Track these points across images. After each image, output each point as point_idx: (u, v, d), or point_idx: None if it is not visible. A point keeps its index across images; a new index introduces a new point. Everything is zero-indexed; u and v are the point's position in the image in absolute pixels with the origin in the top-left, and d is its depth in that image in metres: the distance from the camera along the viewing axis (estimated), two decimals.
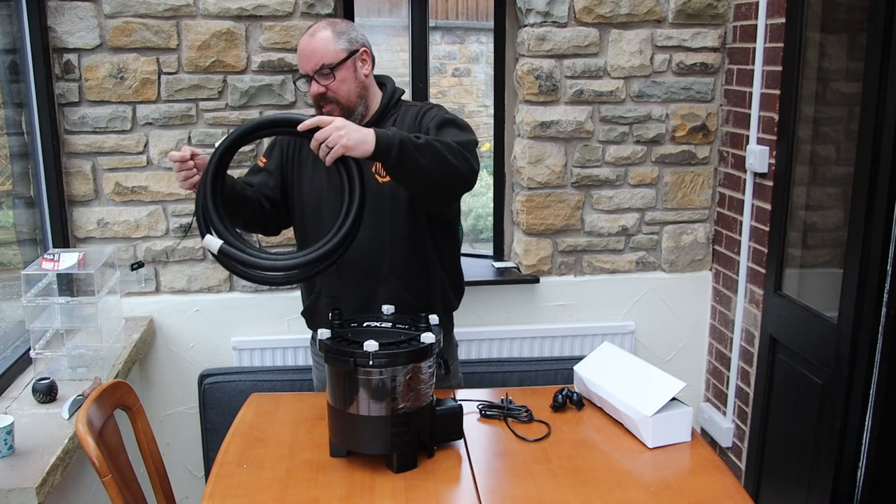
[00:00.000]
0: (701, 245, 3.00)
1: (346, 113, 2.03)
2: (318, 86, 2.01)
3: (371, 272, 2.06)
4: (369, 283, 2.05)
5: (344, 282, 2.06)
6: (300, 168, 2.13)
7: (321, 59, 2.00)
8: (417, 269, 2.10)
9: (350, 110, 2.05)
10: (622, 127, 2.86)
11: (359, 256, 2.03)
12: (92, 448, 1.65)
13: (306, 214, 2.12)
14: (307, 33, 2.03)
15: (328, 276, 2.01)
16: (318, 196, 2.08)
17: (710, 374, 3.08)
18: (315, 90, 2.01)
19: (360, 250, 2.01)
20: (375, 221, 2.03)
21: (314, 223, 2.10)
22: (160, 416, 2.83)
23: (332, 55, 2.00)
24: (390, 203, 2.05)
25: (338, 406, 1.74)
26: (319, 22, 2.07)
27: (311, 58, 2.01)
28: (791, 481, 2.52)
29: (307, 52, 2.01)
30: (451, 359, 2.24)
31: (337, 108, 2.03)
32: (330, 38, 2.01)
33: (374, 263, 2.06)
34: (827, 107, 2.45)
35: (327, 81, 2.00)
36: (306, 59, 2.01)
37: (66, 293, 2.35)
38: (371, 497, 1.64)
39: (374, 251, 2.05)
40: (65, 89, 2.58)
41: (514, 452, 1.82)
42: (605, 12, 2.75)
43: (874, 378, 2.15)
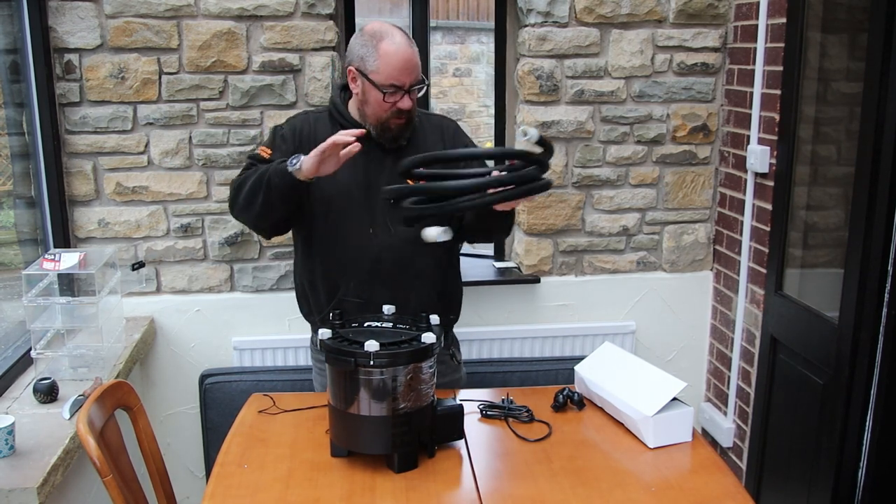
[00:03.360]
0: (702, 245, 3.00)
1: (411, 124, 2.03)
2: (411, 101, 1.97)
3: (404, 275, 2.05)
4: (398, 287, 2.03)
5: (375, 283, 2.04)
6: None
7: (419, 71, 1.96)
8: (443, 274, 2.15)
9: (413, 122, 2.05)
10: (623, 127, 2.86)
11: (393, 259, 2.05)
12: (93, 448, 1.65)
13: (330, 211, 2.08)
14: (403, 43, 1.95)
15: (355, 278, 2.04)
16: (344, 194, 2.05)
17: (710, 374, 3.08)
18: (409, 105, 1.97)
19: (393, 253, 2.04)
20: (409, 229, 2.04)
21: (339, 221, 2.07)
22: (161, 416, 2.83)
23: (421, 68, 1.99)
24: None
25: (338, 406, 1.74)
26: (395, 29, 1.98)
27: (413, 71, 1.95)
28: (792, 481, 2.52)
29: (411, 65, 1.95)
30: (456, 349, 2.30)
31: (406, 120, 2.01)
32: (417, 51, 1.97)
33: (407, 267, 2.06)
34: (828, 107, 2.45)
35: (415, 95, 1.98)
36: (408, 72, 1.94)
37: (67, 293, 2.35)
38: (372, 497, 1.64)
39: (408, 254, 2.06)
40: (66, 89, 2.58)
41: (514, 452, 1.82)
42: (605, 12, 2.75)
43: (875, 378, 2.15)
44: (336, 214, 2.08)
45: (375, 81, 1.96)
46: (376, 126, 2.02)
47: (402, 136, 2.05)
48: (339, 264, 2.09)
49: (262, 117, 2.69)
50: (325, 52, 2.67)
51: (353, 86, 2.03)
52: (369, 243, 2.06)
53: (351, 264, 2.07)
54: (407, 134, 2.06)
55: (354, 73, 2.00)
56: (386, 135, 2.03)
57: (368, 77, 1.97)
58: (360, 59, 1.98)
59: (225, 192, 2.72)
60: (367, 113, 2.02)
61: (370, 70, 1.96)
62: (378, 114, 2.00)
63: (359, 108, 2.06)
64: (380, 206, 2.05)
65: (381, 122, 2.01)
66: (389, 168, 2.05)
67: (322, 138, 2.05)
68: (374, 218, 2.06)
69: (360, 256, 2.07)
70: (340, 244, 2.09)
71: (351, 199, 2.06)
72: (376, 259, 2.05)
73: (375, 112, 2.00)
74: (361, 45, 1.98)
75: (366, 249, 2.06)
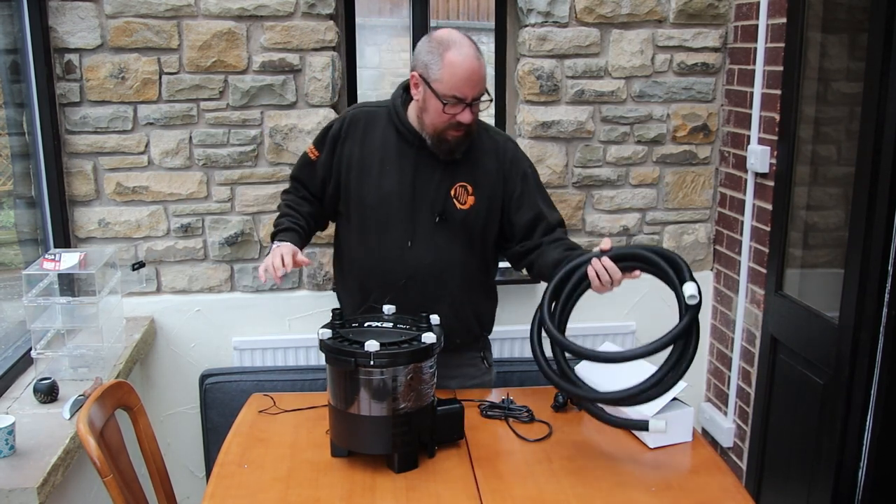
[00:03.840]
0: (702, 245, 3.00)
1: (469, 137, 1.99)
2: (471, 114, 1.92)
3: (436, 292, 2.05)
4: (427, 302, 2.01)
5: (405, 296, 2.02)
6: (362, 172, 2.06)
7: (483, 85, 1.92)
8: (475, 294, 2.15)
9: (472, 135, 2.00)
10: (623, 127, 2.86)
11: (427, 275, 2.05)
12: (93, 448, 1.65)
13: (367, 216, 2.07)
14: (470, 55, 1.88)
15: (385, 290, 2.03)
16: (387, 201, 2.04)
17: (711, 374, 3.08)
18: (470, 118, 1.92)
19: (428, 269, 2.04)
20: (448, 244, 2.05)
21: (377, 225, 2.06)
22: (161, 416, 2.83)
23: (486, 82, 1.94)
24: (464, 231, 2.06)
25: (339, 406, 1.74)
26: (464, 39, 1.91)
27: (478, 84, 1.89)
28: (792, 481, 2.52)
29: (476, 78, 1.89)
30: (488, 352, 2.32)
31: (465, 133, 1.97)
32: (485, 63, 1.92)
33: (441, 284, 2.05)
34: (828, 107, 2.45)
35: (477, 109, 1.94)
36: (473, 85, 1.88)
37: (68, 293, 2.35)
38: (372, 497, 1.64)
39: (442, 272, 2.06)
40: (66, 89, 2.58)
41: (515, 452, 1.82)
42: (606, 12, 2.75)
43: (875, 378, 2.15)
44: (374, 222, 2.06)
45: (437, 91, 1.90)
46: (433, 136, 1.98)
47: (457, 150, 2.00)
48: (371, 274, 2.09)
49: (263, 117, 2.69)
50: (326, 52, 2.67)
51: (415, 91, 1.97)
52: (404, 256, 2.05)
53: (383, 276, 2.07)
54: (463, 147, 2.01)
55: (417, 79, 1.95)
56: (442, 146, 1.99)
57: (431, 85, 1.91)
58: (425, 65, 1.92)
59: (225, 192, 2.73)
60: (426, 121, 1.98)
61: (433, 79, 1.90)
62: (436, 124, 1.95)
63: (418, 115, 2.01)
64: (422, 219, 2.03)
65: (438, 133, 1.96)
66: (438, 181, 2.03)
67: (373, 138, 2.06)
68: (414, 231, 2.04)
69: (393, 269, 2.06)
70: (375, 254, 2.08)
71: (392, 208, 2.04)
72: (409, 274, 2.05)
73: (434, 122, 1.95)
74: (427, 51, 1.92)
75: (400, 262, 2.05)
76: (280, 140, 2.70)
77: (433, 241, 2.04)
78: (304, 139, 2.70)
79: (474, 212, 2.07)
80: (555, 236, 2.08)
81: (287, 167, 2.73)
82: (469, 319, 2.16)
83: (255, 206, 2.75)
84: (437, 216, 2.03)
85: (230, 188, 2.73)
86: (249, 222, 2.76)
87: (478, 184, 2.07)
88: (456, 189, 2.04)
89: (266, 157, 2.72)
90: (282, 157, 2.72)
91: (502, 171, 2.09)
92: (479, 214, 2.08)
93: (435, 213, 2.04)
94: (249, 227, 2.76)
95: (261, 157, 2.72)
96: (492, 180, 2.08)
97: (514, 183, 2.09)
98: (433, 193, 2.04)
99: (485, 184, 2.07)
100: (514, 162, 2.11)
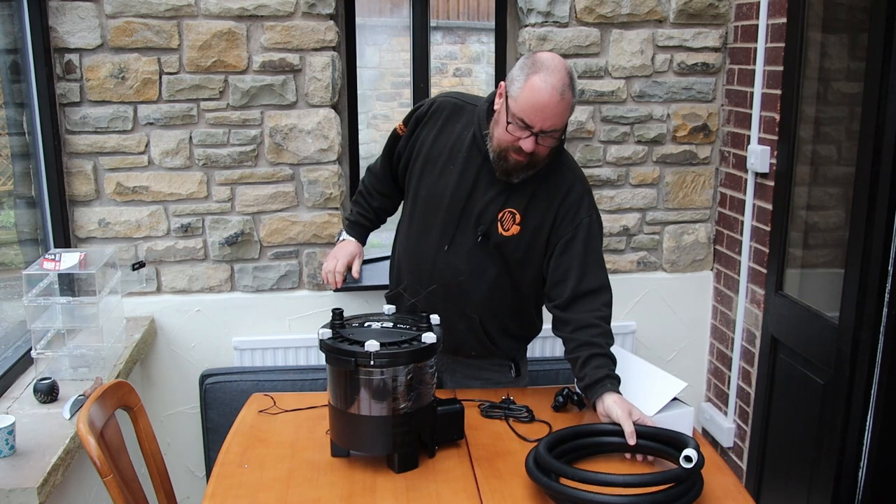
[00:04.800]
0: (702, 245, 3.00)
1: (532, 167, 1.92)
2: (535, 145, 1.85)
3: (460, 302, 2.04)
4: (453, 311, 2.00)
5: (427, 297, 2.02)
6: (427, 162, 2.05)
7: (557, 123, 1.85)
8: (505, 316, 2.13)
9: (537, 166, 1.93)
10: (623, 127, 2.86)
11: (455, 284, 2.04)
12: (93, 448, 1.65)
13: (417, 208, 2.09)
14: (554, 87, 1.80)
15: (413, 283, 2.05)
16: (438, 199, 2.03)
17: (711, 374, 3.08)
18: (531, 148, 1.85)
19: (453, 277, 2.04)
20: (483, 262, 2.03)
21: (423, 220, 2.07)
22: (161, 416, 2.83)
23: (566, 120, 1.87)
24: (499, 257, 2.03)
25: (339, 406, 1.74)
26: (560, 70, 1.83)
27: (548, 118, 1.82)
28: (792, 481, 2.52)
29: (549, 113, 1.82)
30: (521, 362, 2.29)
31: (528, 160, 1.90)
32: (571, 102, 1.84)
33: (466, 297, 2.04)
34: (828, 107, 2.45)
35: (546, 143, 1.87)
36: (543, 118, 1.82)
37: (68, 293, 2.35)
38: (372, 497, 1.64)
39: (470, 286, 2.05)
40: (66, 89, 2.58)
41: (515, 452, 1.82)
42: (606, 12, 2.75)
43: (875, 378, 2.15)
44: (421, 216, 2.07)
45: (510, 108, 1.86)
46: (495, 151, 1.93)
47: (515, 174, 1.94)
48: (405, 264, 2.13)
49: (263, 117, 2.69)
50: (326, 52, 2.67)
51: (498, 100, 1.94)
52: (437, 259, 2.05)
53: (414, 270, 2.09)
54: (522, 175, 1.94)
55: (502, 90, 1.92)
56: (500, 164, 1.93)
57: (508, 100, 1.88)
58: (511, 79, 1.88)
59: (225, 192, 2.73)
60: (493, 134, 1.94)
61: (511, 95, 1.86)
62: (500, 139, 1.91)
63: (492, 126, 1.96)
64: (463, 229, 2.02)
65: (501, 149, 1.91)
66: (491, 198, 1.99)
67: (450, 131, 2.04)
68: (453, 237, 2.03)
69: (425, 268, 2.06)
70: (413, 246, 2.10)
71: (441, 208, 2.02)
72: (436, 277, 2.05)
73: (499, 137, 1.91)
74: (519, 67, 1.89)
75: (432, 263, 2.05)
76: (280, 140, 2.70)
77: (469, 256, 2.03)
78: (305, 139, 2.70)
79: (515, 241, 2.00)
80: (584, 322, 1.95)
81: (287, 167, 2.73)
82: (483, 338, 2.13)
83: (255, 206, 2.75)
84: (479, 235, 2.00)
85: (230, 188, 2.73)
86: (249, 222, 2.76)
87: (528, 214, 1.99)
88: (505, 213, 1.99)
89: (266, 157, 2.72)
90: (282, 157, 2.72)
91: (559, 210, 1.99)
92: (520, 246, 2.01)
93: (478, 230, 2.00)
94: (249, 227, 2.76)
95: (261, 157, 2.72)
96: (543, 216, 1.99)
97: (566, 228, 1.99)
98: (482, 208, 2.00)
99: (535, 217, 1.99)
100: (575, 206, 1.99)
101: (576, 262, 1.97)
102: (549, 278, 2.02)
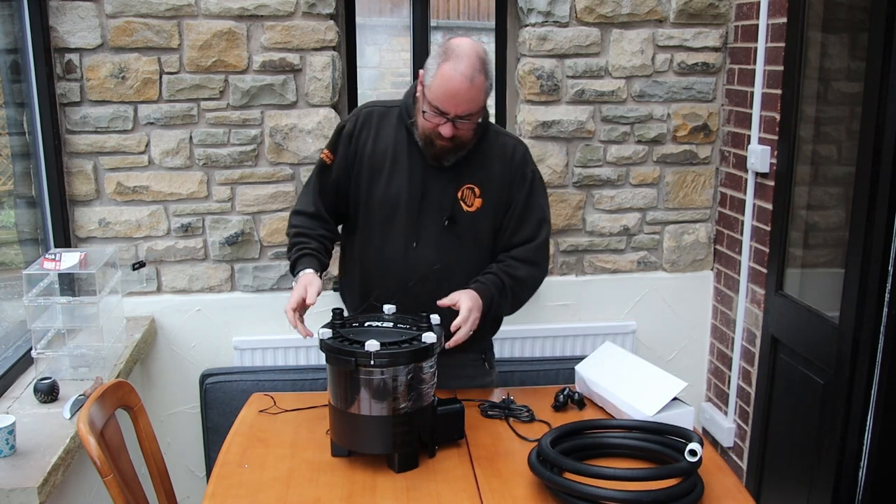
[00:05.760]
0: (702, 245, 3.00)
1: (459, 149, 1.98)
2: (453, 130, 1.91)
3: (438, 294, 2.02)
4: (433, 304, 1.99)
5: (407, 298, 2.01)
6: (373, 171, 2.06)
7: (471, 108, 1.90)
8: None
9: (464, 147, 1.99)
10: (623, 127, 2.86)
11: (431, 277, 2.04)
12: (93, 448, 1.65)
13: (372, 215, 2.07)
14: (462, 73, 1.85)
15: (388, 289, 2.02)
16: (394, 202, 2.04)
17: (711, 373, 3.08)
18: (449, 133, 1.91)
19: (433, 271, 2.04)
20: (454, 247, 2.05)
21: (382, 226, 2.06)
22: (161, 415, 2.83)
23: (481, 104, 1.92)
24: (471, 233, 2.06)
25: (339, 406, 1.74)
26: (469, 55, 1.87)
27: (461, 104, 1.88)
28: (792, 481, 2.52)
29: (460, 99, 1.87)
30: (490, 353, 2.31)
31: (453, 144, 1.95)
32: (483, 85, 1.89)
33: (443, 287, 2.03)
34: (828, 106, 2.45)
35: (464, 127, 1.92)
36: (455, 104, 1.88)
37: (68, 293, 2.35)
38: (373, 497, 1.64)
39: (446, 274, 2.05)
40: (66, 89, 2.58)
41: (515, 452, 1.82)
42: (606, 12, 2.75)
43: (875, 378, 2.15)
44: (381, 222, 2.06)
45: (426, 96, 1.91)
46: (422, 138, 1.99)
47: (445, 158, 2.00)
48: (374, 272, 2.09)
49: (263, 117, 2.69)
50: (326, 51, 2.67)
51: (419, 89, 1.98)
52: (407, 257, 2.05)
53: (386, 275, 2.06)
54: (453, 158, 2.00)
55: (421, 78, 1.96)
56: (429, 150, 1.99)
57: (424, 89, 1.93)
58: (426, 68, 1.93)
59: (225, 192, 2.73)
60: (417, 122, 1.99)
61: (426, 83, 1.92)
62: (422, 126, 1.96)
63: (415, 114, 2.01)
64: (428, 221, 2.03)
65: (426, 136, 1.97)
66: (446, 182, 2.03)
67: (385, 136, 2.05)
68: (419, 232, 2.04)
69: (397, 269, 2.06)
70: (379, 253, 2.08)
71: (399, 208, 2.04)
72: (414, 276, 2.04)
73: (421, 124, 1.97)
74: (433, 55, 1.93)
75: (403, 262, 2.05)
76: (280, 140, 2.70)
77: (440, 244, 2.04)
78: (305, 139, 2.70)
79: (482, 214, 2.07)
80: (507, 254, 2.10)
81: (287, 167, 2.73)
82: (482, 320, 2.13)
83: (255, 206, 2.75)
84: (445, 219, 2.03)
85: (230, 188, 2.73)
86: (250, 222, 2.76)
87: (485, 186, 2.06)
88: (463, 191, 2.04)
89: (266, 156, 2.72)
90: (282, 156, 2.72)
91: (510, 171, 2.08)
92: (487, 216, 2.08)
93: (444, 216, 2.03)
94: (250, 227, 2.76)
95: (261, 157, 2.72)
96: (498, 182, 2.08)
97: (518, 185, 2.09)
98: (441, 195, 2.04)
99: (493, 184, 2.07)
100: (521, 164, 2.10)
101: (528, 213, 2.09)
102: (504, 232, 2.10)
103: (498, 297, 2.02)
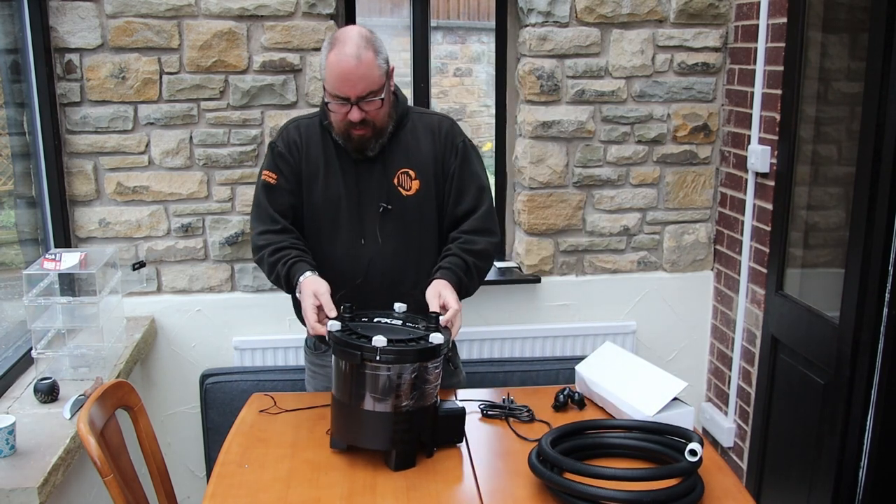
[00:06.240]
0: (702, 245, 3.00)
1: (378, 135, 1.97)
2: (360, 112, 1.90)
3: (395, 285, 2.02)
4: (393, 297, 1.97)
5: (366, 294, 2.00)
6: (311, 179, 2.06)
7: (368, 85, 1.88)
8: None
9: (382, 132, 1.98)
10: (624, 127, 2.86)
11: (384, 269, 2.03)
12: (93, 448, 1.65)
13: (318, 217, 2.06)
14: (347, 54, 1.85)
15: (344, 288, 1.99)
16: (335, 203, 2.03)
17: (711, 373, 3.08)
18: (358, 117, 1.90)
19: (384, 262, 2.02)
20: (401, 233, 2.03)
21: (329, 232, 2.05)
22: (162, 415, 2.83)
23: (378, 80, 1.89)
24: (416, 216, 2.04)
25: (342, 399, 1.74)
26: (353, 38, 1.88)
27: (356, 84, 1.87)
28: (793, 481, 2.52)
29: (353, 78, 1.86)
30: (455, 356, 2.27)
31: (370, 130, 1.94)
32: (374, 61, 1.87)
33: (399, 276, 2.03)
34: (828, 106, 2.45)
35: (370, 107, 1.91)
36: (351, 85, 1.87)
37: (68, 293, 2.35)
38: (373, 497, 1.64)
39: (399, 264, 2.04)
40: (66, 89, 2.58)
41: (515, 452, 1.82)
42: (606, 12, 2.75)
43: (876, 378, 2.15)
44: (326, 224, 2.06)
45: (325, 88, 1.93)
46: (340, 135, 1.97)
47: (368, 148, 1.98)
48: (328, 274, 2.02)
49: (263, 117, 2.69)
50: None
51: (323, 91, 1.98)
52: (359, 253, 2.04)
53: (340, 274, 2.03)
54: (375, 146, 1.99)
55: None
56: (349, 145, 1.98)
57: (324, 85, 1.94)
58: (320, 64, 1.95)
59: (225, 192, 2.73)
60: (331, 121, 1.98)
61: (323, 78, 1.93)
62: (336, 122, 1.95)
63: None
64: (370, 215, 2.03)
65: (342, 132, 1.96)
66: (379, 173, 2.03)
67: (313, 146, 2.05)
68: (363, 228, 2.03)
69: (350, 267, 2.04)
70: (330, 254, 2.06)
71: (341, 208, 2.03)
72: (366, 270, 2.03)
73: (334, 120, 1.96)
74: (323, 50, 1.93)
75: (355, 260, 2.04)
76: None
77: (385, 235, 2.02)
78: None
79: (424, 195, 2.05)
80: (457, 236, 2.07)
81: None
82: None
83: None
84: (381, 207, 2.01)
85: (231, 188, 2.73)
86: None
87: (419, 167, 2.04)
88: (399, 177, 2.03)
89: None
90: None
91: (439, 146, 2.06)
92: (430, 196, 2.06)
93: (380, 205, 2.02)
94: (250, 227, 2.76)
95: (261, 157, 2.72)
96: (431, 160, 2.06)
97: (450, 158, 2.07)
98: (377, 187, 2.02)
99: (426, 165, 2.05)
100: (449, 136, 2.08)
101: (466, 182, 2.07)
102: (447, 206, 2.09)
103: (466, 279, 1.99)
